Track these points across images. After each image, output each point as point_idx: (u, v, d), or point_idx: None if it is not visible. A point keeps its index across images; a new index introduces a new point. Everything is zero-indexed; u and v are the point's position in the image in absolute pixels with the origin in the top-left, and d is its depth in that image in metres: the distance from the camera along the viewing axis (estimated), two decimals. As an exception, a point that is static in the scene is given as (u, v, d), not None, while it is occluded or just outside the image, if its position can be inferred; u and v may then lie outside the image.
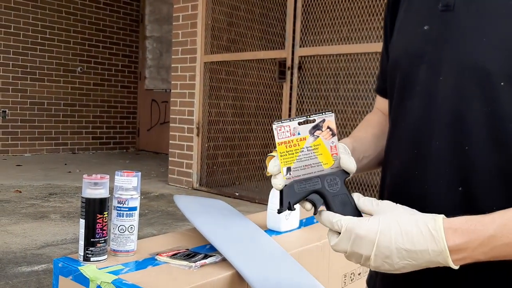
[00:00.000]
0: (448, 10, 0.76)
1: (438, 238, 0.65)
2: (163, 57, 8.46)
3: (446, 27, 0.76)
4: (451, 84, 0.74)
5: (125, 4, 8.47)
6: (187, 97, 5.27)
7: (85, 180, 1.14)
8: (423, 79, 0.78)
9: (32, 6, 7.34)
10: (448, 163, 0.75)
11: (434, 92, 0.77)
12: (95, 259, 1.13)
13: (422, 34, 0.80)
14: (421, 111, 0.79)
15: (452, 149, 0.74)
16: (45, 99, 7.61)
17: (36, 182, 5.15)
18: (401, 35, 0.87)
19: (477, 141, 0.72)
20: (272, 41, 5.08)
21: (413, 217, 0.68)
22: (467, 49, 0.73)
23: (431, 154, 0.77)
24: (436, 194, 0.76)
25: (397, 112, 0.85)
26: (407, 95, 0.82)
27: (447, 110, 0.75)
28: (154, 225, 3.46)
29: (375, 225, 0.68)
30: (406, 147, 0.82)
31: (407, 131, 0.82)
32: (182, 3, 5.27)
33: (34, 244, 3.04)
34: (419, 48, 0.80)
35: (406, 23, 0.86)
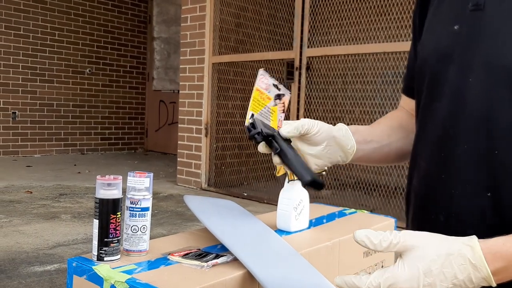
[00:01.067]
0: (478, 9, 0.75)
1: (481, 268, 0.63)
2: (171, 58, 8.49)
3: (476, 27, 0.74)
4: (481, 86, 0.72)
5: (133, 5, 8.51)
6: (195, 97, 5.29)
7: (99, 181, 1.16)
8: (452, 80, 0.77)
9: (41, 8, 7.40)
10: (476, 168, 0.73)
11: (462, 93, 0.75)
12: (109, 259, 1.15)
13: (452, 33, 0.78)
14: (449, 113, 0.77)
15: (481, 153, 0.72)
16: (54, 101, 7.67)
17: (46, 182, 5.19)
18: (431, 34, 0.85)
19: (507, 145, 0.70)
20: (280, 41, 5.09)
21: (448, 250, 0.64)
22: (498, 50, 0.71)
23: (458, 158, 0.75)
24: (463, 199, 0.74)
25: (425, 113, 0.84)
26: (435, 96, 0.80)
27: (476, 112, 0.73)
28: (164, 225, 3.49)
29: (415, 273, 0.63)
30: (433, 149, 0.80)
31: (434, 133, 0.80)
32: (190, 5, 5.30)
33: (46, 244, 3.08)
34: (448, 47, 0.78)
35: (436, 22, 0.84)
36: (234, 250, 1.19)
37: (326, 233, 1.46)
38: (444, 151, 0.77)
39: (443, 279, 0.63)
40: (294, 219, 1.47)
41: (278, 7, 5.05)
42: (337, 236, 1.42)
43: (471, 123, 0.73)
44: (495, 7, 0.73)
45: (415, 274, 0.63)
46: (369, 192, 4.00)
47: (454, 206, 0.73)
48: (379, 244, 0.65)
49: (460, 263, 0.63)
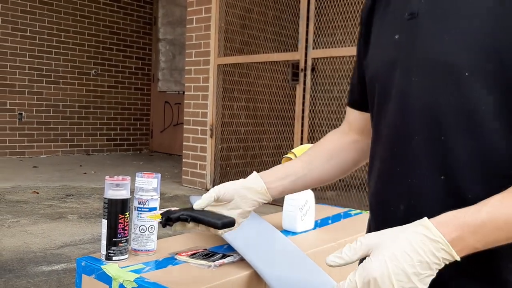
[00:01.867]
0: (413, 17, 0.83)
1: (437, 239, 0.68)
2: (176, 60, 8.52)
3: (413, 33, 0.83)
4: (422, 82, 0.80)
5: (138, 7, 8.55)
6: (200, 99, 5.31)
7: (107, 181, 1.18)
8: (397, 83, 0.84)
9: (47, 9, 7.45)
10: (427, 155, 0.79)
11: (407, 92, 0.82)
12: (117, 258, 1.16)
13: (394, 43, 0.86)
14: (398, 111, 0.84)
15: (430, 141, 0.79)
16: (60, 102, 7.71)
17: (52, 183, 5.22)
18: (378, 48, 0.93)
19: (451, 130, 0.76)
20: (285, 43, 5.10)
21: (405, 234, 0.70)
22: (432, 48, 0.79)
23: (411, 149, 0.81)
24: (420, 186, 0.80)
25: (377, 118, 0.91)
26: (385, 101, 0.87)
27: (421, 106, 0.80)
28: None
29: (382, 261, 0.69)
30: (387, 147, 0.87)
31: (386, 133, 0.87)
32: (195, 6, 5.32)
33: (53, 244, 3.10)
34: (393, 56, 0.86)
35: (381, 36, 0.93)
36: (241, 250, 1.20)
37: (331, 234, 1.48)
38: (397, 147, 0.84)
39: (408, 259, 0.68)
40: (299, 219, 1.49)
41: (283, 9, 5.07)
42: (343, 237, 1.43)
43: (418, 116, 0.80)
44: (428, 14, 0.81)
45: (382, 262, 0.68)
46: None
47: (412, 194, 0.78)
48: (347, 256, 0.72)
49: (419, 239, 0.68)
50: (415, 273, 0.68)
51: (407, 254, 0.68)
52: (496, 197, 0.70)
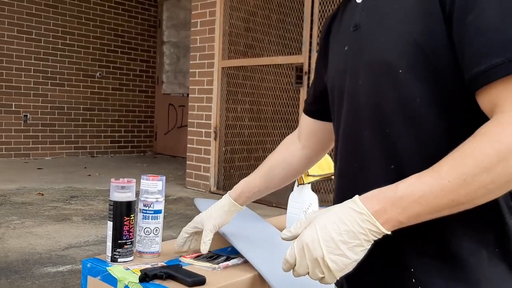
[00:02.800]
0: (357, 29, 0.93)
1: (360, 210, 0.75)
2: (180, 62, 8.55)
3: (357, 41, 0.92)
4: (367, 83, 0.88)
5: (143, 10, 8.59)
6: (204, 101, 5.33)
7: (113, 183, 1.19)
8: (349, 86, 0.93)
9: (52, 12, 7.49)
10: (378, 147, 0.87)
11: (356, 93, 0.91)
12: (122, 260, 1.18)
13: (345, 53, 0.96)
14: (350, 111, 0.93)
15: (378, 134, 0.87)
16: (65, 104, 7.75)
17: (57, 185, 5.25)
18: (333, 60, 1.04)
19: (394, 122, 0.84)
20: (289, 46, 5.11)
21: (335, 207, 0.79)
22: (372, 51, 0.88)
23: (363, 145, 0.89)
24: (374, 177, 0.86)
25: (336, 122, 1.00)
26: (340, 105, 0.97)
27: (368, 103, 0.88)
28: (174, 228, 3.52)
29: (313, 229, 0.78)
30: (343, 146, 0.96)
31: (343, 133, 0.96)
32: (200, 9, 5.34)
33: (58, 245, 3.12)
34: (344, 64, 0.95)
35: (334, 51, 1.04)
36: (245, 253, 1.21)
37: (334, 236, 1.49)
38: (352, 144, 0.92)
39: (335, 228, 0.76)
40: (303, 222, 1.50)
41: (287, 12, 5.08)
42: (346, 240, 1.44)
43: (366, 114, 0.88)
44: (366, 23, 0.91)
45: (313, 230, 0.77)
46: None
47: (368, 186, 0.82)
48: (294, 230, 0.82)
49: (346, 212, 0.77)
50: (342, 241, 0.75)
51: (335, 223, 0.76)
52: (415, 175, 0.76)
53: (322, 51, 1.13)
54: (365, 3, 0.93)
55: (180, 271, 1.09)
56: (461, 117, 0.81)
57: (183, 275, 1.07)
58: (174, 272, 1.08)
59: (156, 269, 1.10)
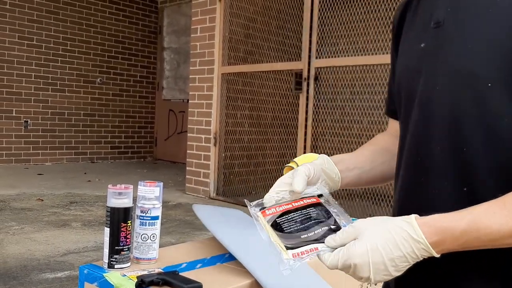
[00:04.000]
0: (439, 26, 0.83)
1: (419, 239, 0.70)
2: (181, 68, 8.56)
3: (438, 41, 0.82)
4: (446, 92, 0.79)
5: (143, 16, 8.61)
6: (204, 107, 5.33)
7: (110, 190, 1.19)
8: (422, 90, 0.84)
9: (54, 19, 7.52)
10: (450, 166, 0.79)
11: (431, 101, 0.82)
12: (119, 266, 1.17)
13: (420, 51, 0.86)
14: (422, 119, 0.84)
15: (452, 151, 0.78)
16: (65, 110, 7.76)
17: (57, 190, 5.24)
18: (403, 55, 0.93)
19: (472, 141, 0.76)
20: (288, 52, 5.12)
21: (389, 224, 0.73)
22: (456, 57, 0.78)
23: (433, 159, 0.81)
24: (442, 197, 0.80)
25: (403, 127, 0.91)
26: (410, 109, 0.87)
27: (444, 115, 0.79)
28: (173, 234, 3.51)
29: (364, 249, 0.72)
30: (411, 156, 0.87)
31: (411, 142, 0.87)
32: (200, 16, 5.36)
33: (56, 251, 3.12)
34: (418, 63, 0.86)
35: (406, 43, 0.93)
36: (242, 259, 1.21)
37: (332, 243, 1.48)
38: (420, 156, 0.84)
39: (388, 253, 0.71)
40: (300, 228, 1.50)
41: (286, 18, 5.10)
42: (343, 246, 1.44)
43: (441, 126, 0.80)
44: (452, 22, 0.81)
45: (365, 251, 0.72)
46: (377, 202, 4.00)
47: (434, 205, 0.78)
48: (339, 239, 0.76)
49: (401, 236, 0.71)
50: (393, 265, 0.71)
51: (388, 247, 0.71)
52: (483, 206, 0.70)
53: (394, 42, 1.00)
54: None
55: (176, 278, 1.09)
56: None
57: (179, 281, 1.07)
58: (171, 278, 1.08)
59: (152, 275, 1.10)
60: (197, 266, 1.21)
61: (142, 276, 1.08)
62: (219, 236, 1.30)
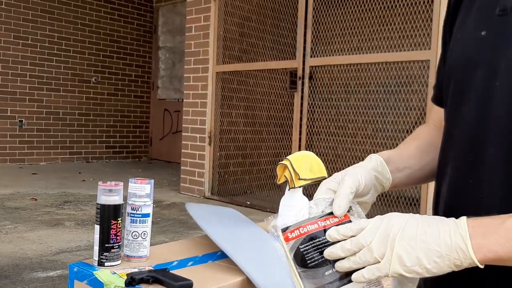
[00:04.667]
0: (505, 14, 0.74)
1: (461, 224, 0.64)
2: (176, 67, 8.55)
3: (504, 32, 0.73)
4: (507, 90, 0.72)
5: (138, 15, 8.59)
6: (199, 106, 5.32)
7: (100, 187, 1.18)
8: (478, 85, 0.76)
9: (49, 18, 7.49)
10: (504, 172, 0.72)
11: (490, 97, 0.74)
12: (109, 264, 1.16)
13: (479, 39, 0.77)
14: (476, 117, 0.76)
15: (508, 156, 0.71)
16: (60, 109, 7.73)
17: (51, 190, 5.22)
18: (458, 42, 0.84)
19: None
20: (283, 51, 5.12)
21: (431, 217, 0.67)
22: None
23: (485, 162, 0.74)
24: (491, 202, 0.73)
25: (452, 120, 0.83)
26: (462, 102, 0.79)
27: (504, 116, 0.72)
28: (167, 233, 3.50)
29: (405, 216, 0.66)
30: (461, 155, 0.79)
31: (461, 138, 0.79)
32: (194, 14, 5.35)
33: (49, 250, 3.10)
34: (476, 53, 0.78)
35: (464, 29, 0.83)
36: (234, 257, 1.20)
37: (325, 241, 1.48)
38: (471, 156, 0.76)
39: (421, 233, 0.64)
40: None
41: (281, 17, 5.10)
42: (336, 244, 1.43)
43: (498, 127, 0.72)
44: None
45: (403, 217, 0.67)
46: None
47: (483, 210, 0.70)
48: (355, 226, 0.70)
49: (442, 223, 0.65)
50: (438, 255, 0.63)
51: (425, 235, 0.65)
52: None
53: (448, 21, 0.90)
54: None
55: (167, 275, 1.08)
56: None
57: (170, 279, 1.06)
58: (161, 276, 1.07)
59: (142, 273, 1.09)
60: (189, 264, 1.20)
61: (132, 274, 1.07)
62: (211, 234, 1.29)
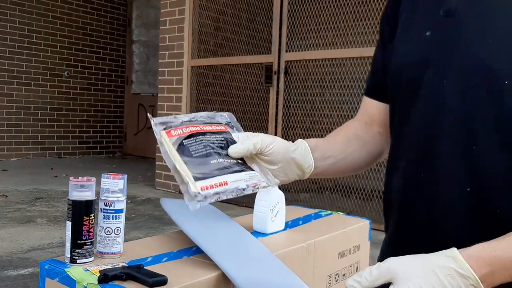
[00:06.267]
0: (450, 15, 0.78)
1: (468, 275, 0.64)
2: (150, 62, 8.46)
3: (450, 32, 0.77)
4: (457, 86, 0.75)
5: (112, 8, 8.46)
6: (174, 101, 5.27)
7: (72, 182, 1.15)
8: (428, 84, 0.79)
9: (19, 10, 7.31)
10: (456, 163, 0.75)
11: (440, 94, 0.77)
12: (82, 261, 1.14)
13: (426, 40, 0.81)
14: (429, 113, 0.79)
15: (460, 149, 0.74)
16: (31, 104, 7.57)
17: (22, 186, 5.12)
18: (404, 42, 0.88)
19: (485, 140, 0.72)
20: (258, 46, 5.11)
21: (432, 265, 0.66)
22: (472, 51, 0.74)
23: (439, 155, 0.77)
24: (444, 195, 0.76)
25: (402, 117, 0.86)
26: (412, 99, 0.82)
27: (455, 111, 0.75)
28: (141, 229, 3.47)
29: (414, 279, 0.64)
30: (413, 148, 0.82)
31: (413, 133, 0.82)
32: (169, 8, 5.29)
33: (20, 248, 3.04)
34: (423, 53, 0.81)
35: (409, 29, 0.87)
36: (209, 252, 1.19)
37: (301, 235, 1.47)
38: (423, 150, 0.79)
39: None
40: (270, 220, 1.48)
41: (256, 12, 5.08)
42: (313, 238, 1.43)
43: (450, 121, 0.75)
44: (467, 12, 0.76)
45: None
46: (347, 194, 4.03)
47: (435, 202, 0.74)
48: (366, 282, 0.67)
49: (447, 273, 0.64)
50: None
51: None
52: None
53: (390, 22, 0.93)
54: None
55: (141, 271, 1.06)
56: None
57: (144, 275, 1.04)
58: (135, 272, 1.05)
59: (116, 269, 1.06)
60: (163, 260, 1.18)
61: (105, 271, 1.05)
62: (186, 229, 1.28)
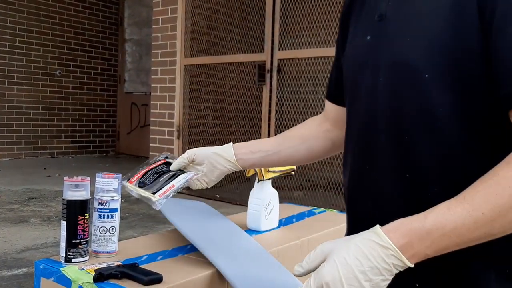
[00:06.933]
0: (382, 19, 0.87)
1: (385, 244, 0.70)
2: (143, 60, 8.43)
3: (381, 34, 0.86)
4: (388, 84, 0.84)
5: (104, 7, 8.42)
6: (167, 100, 5.27)
7: (66, 182, 1.16)
8: (367, 82, 0.88)
9: (10, 9, 7.26)
10: (393, 154, 0.82)
11: (375, 92, 0.86)
12: (77, 260, 1.14)
13: (366, 43, 0.90)
14: (366, 111, 0.88)
15: (395, 140, 0.82)
16: (23, 103, 7.53)
17: (15, 186, 5.09)
18: (351, 48, 0.97)
19: (413, 130, 0.80)
20: (251, 44, 5.11)
21: (355, 239, 0.72)
22: (396, 49, 0.82)
23: (377, 148, 0.85)
24: (387, 183, 0.83)
25: (349, 115, 0.96)
26: (355, 99, 0.93)
27: (387, 106, 0.84)
28: (135, 228, 3.46)
29: (333, 265, 0.71)
30: (356, 144, 0.91)
31: (356, 131, 0.91)
32: (161, 6, 5.28)
33: (14, 248, 3.03)
34: (364, 56, 0.90)
35: (354, 36, 0.97)
36: (204, 250, 1.20)
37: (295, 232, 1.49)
38: (366, 145, 0.88)
39: (358, 264, 0.69)
40: (264, 218, 1.49)
41: (249, 10, 5.08)
42: (306, 235, 1.44)
43: (384, 116, 0.84)
44: (394, 15, 0.85)
45: (334, 267, 0.70)
46: (340, 192, 4.05)
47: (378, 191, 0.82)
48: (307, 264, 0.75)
49: (369, 245, 0.70)
50: (366, 279, 0.69)
51: (358, 260, 0.70)
52: (444, 204, 0.71)
53: (341, 29, 1.05)
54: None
55: (136, 270, 1.07)
56: (487, 134, 0.75)
57: (139, 273, 1.05)
58: (130, 271, 1.06)
59: (111, 268, 1.07)
60: (158, 258, 1.19)
61: (100, 269, 1.06)
62: (181, 228, 1.28)
